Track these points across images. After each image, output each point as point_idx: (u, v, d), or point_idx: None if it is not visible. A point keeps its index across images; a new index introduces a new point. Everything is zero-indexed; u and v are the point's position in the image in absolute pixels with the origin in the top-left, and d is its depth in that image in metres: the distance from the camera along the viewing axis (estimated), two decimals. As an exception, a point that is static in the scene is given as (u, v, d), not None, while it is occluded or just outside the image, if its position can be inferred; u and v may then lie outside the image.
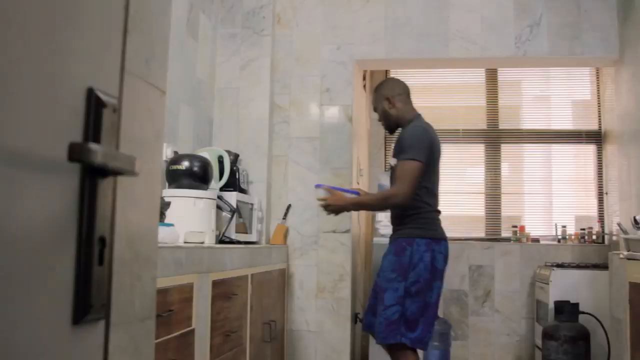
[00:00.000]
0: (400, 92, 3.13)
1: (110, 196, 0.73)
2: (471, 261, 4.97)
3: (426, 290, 2.86)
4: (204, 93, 3.90)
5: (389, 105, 3.10)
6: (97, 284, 0.69)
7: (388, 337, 2.83)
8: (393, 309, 2.83)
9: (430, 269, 2.86)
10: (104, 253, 0.71)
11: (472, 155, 5.51)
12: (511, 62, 4.28)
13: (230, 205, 3.39)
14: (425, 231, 2.93)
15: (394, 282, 2.86)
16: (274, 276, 3.68)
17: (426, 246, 2.88)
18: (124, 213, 1.04)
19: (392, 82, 3.25)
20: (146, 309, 1.11)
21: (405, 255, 2.87)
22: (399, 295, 2.84)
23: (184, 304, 2.24)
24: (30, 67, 0.61)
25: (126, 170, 0.69)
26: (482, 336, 4.89)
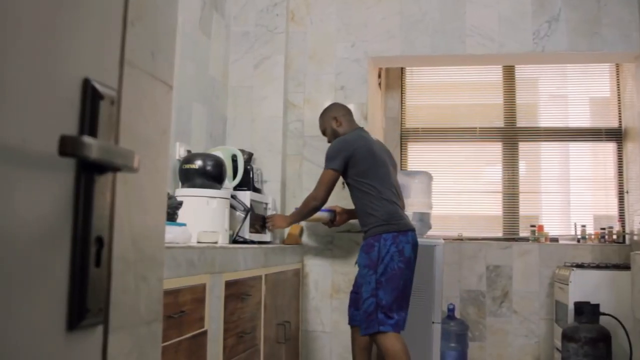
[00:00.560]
0: (344, 112, 3.57)
1: (108, 194, 0.69)
2: (488, 261, 4.90)
3: (397, 277, 3.17)
4: (217, 91, 3.87)
5: (336, 123, 3.51)
6: (93, 287, 0.65)
7: (369, 327, 3.14)
8: (369, 301, 3.15)
9: (400, 258, 3.18)
10: (102, 254, 0.67)
11: (489, 154, 5.44)
12: (529, 58, 4.20)
13: (244, 205, 3.35)
14: (389, 226, 3.22)
15: (367, 276, 3.19)
16: (288, 276, 3.64)
17: (392, 240, 3.19)
18: (128, 212, 0.99)
19: (337, 105, 3.66)
20: (152, 311, 1.07)
21: (374, 251, 3.19)
22: (372, 288, 3.15)
23: (196, 305, 2.21)
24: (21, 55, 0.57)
25: (125, 166, 0.65)
26: (500, 337, 4.82)
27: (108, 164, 0.63)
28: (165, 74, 1.12)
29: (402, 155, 5.41)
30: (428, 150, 5.53)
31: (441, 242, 4.02)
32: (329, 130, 3.54)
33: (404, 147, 5.44)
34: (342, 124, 3.50)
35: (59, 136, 0.56)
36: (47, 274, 0.60)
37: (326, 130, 3.57)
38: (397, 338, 3.14)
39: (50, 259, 0.60)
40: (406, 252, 3.20)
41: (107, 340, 0.72)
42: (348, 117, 3.56)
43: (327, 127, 3.55)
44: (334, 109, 3.59)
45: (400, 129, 5.44)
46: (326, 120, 3.55)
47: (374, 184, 3.29)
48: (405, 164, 5.41)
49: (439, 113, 5.52)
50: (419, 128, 5.47)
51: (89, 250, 0.64)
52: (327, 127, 3.55)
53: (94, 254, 0.65)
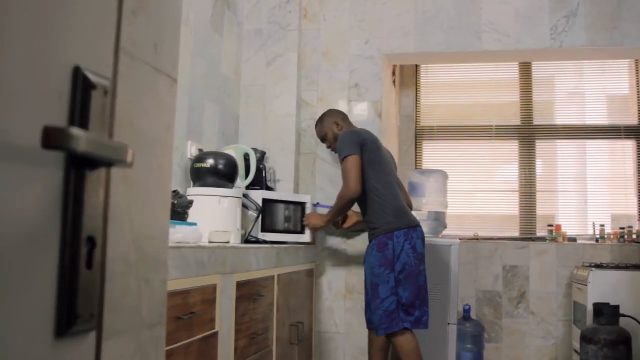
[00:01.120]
0: (343, 117, 3.63)
1: (102, 191, 0.64)
2: (505, 261, 4.82)
3: (415, 274, 3.17)
4: (229, 90, 3.83)
5: (338, 127, 3.54)
6: (85, 291, 0.60)
7: (391, 326, 3.11)
8: (389, 300, 3.12)
9: (414, 255, 3.18)
10: (94, 255, 0.62)
11: (506, 153, 5.35)
12: (547, 54, 4.11)
13: (257, 204, 3.31)
14: (400, 222, 3.22)
15: (384, 275, 3.15)
16: (301, 277, 3.59)
17: (404, 237, 3.18)
18: (129, 211, 0.95)
19: (333, 110, 3.69)
20: (155, 314, 1.03)
21: (389, 250, 3.17)
22: (391, 287, 3.13)
23: (206, 306, 2.17)
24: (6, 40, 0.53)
25: (118, 161, 0.60)
26: (517, 339, 4.74)
27: (99, 159, 0.58)
28: (169, 67, 1.07)
29: (417, 154, 5.35)
30: (443, 148, 5.46)
31: (457, 242, 3.95)
32: (330, 136, 3.57)
33: (419, 146, 5.37)
34: (343, 128, 3.53)
35: (42, 127, 0.51)
36: (33, 278, 0.55)
37: (327, 135, 3.59)
38: (411, 336, 3.16)
39: (36, 261, 0.56)
40: (418, 248, 3.22)
41: (100, 347, 0.67)
42: (347, 120, 3.63)
43: (328, 133, 3.58)
44: (333, 114, 3.62)
45: (415, 127, 5.38)
46: (326, 126, 3.58)
47: (381, 178, 3.29)
48: (420, 163, 5.35)
49: (454, 111, 5.45)
50: (434, 126, 5.40)
51: (79, 252, 0.59)
52: (328, 132, 3.58)
53: (85, 255, 0.60)
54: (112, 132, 0.68)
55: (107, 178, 0.67)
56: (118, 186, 0.91)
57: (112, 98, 0.68)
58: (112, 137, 0.68)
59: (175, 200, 2.40)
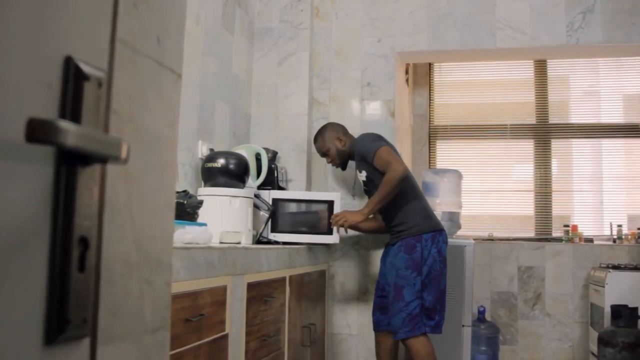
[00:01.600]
0: (345, 131, 3.52)
1: (95, 189, 0.60)
2: (520, 262, 4.75)
3: (439, 278, 3.16)
4: (240, 89, 3.80)
5: (341, 143, 3.46)
6: (76, 295, 0.57)
7: (413, 330, 3.08)
8: (414, 304, 3.08)
9: (439, 258, 3.17)
10: (87, 257, 0.58)
11: (521, 152, 5.28)
12: (563, 51, 4.04)
13: (268, 204, 3.28)
14: (428, 225, 3.21)
15: (410, 278, 3.11)
16: (313, 278, 3.55)
17: (432, 240, 3.17)
18: (130, 210, 0.91)
19: (333, 125, 3.58)
20: (158, 318, 0.99)
21: (417, 252, 3.14)
22: (417, 290, 3.10)
23: (216, 308, 2.13)
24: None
25: (111, 156, 0.56)
26: (532, 341, 4.67)
27: (91, 154, 0.55)
28: (173, 62, 1.03)
29: (430, 154, 5.29)
30: (457, 148, 5.39)
31: (471, 242, 3.89)
32: (332, 151, 3.48)
33: (432, 145, 5.32)
34: (346, 143, 3.47)
35: (27, 119, 0.48)
36: (20, 281, 0.52)
37: (329, 150, 3.49)
38: (428, 340, 3.13)
39: (23, 264, 0.52)
40: (443, 252, 3.21)
41: (95, 354, 0.63)
42: (348, 134, 3.54)
43: (330, 148, 3.48)
44: (334, 129, 3.51)
45: (429, 126, 5.32)
46: (328, 141, 3.48)
47: (407, 179, 3.23)
48: (433, 163, 5.29)
49: (468, 110, 5.38)
50: (447, 125, 5.34)
51: (70, 253, 0.56)
52: (330, 147, 3.48)
53: (77, 257, 0.57)
54: (107, 126, 0.64)
55: (102, 175, 0.63)
56: (118, 184, 0.87)
57: (108, 90, 0.64)
58: (107, 132, 0.64)
59: (185, 200, 2.36)
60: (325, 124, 3.62)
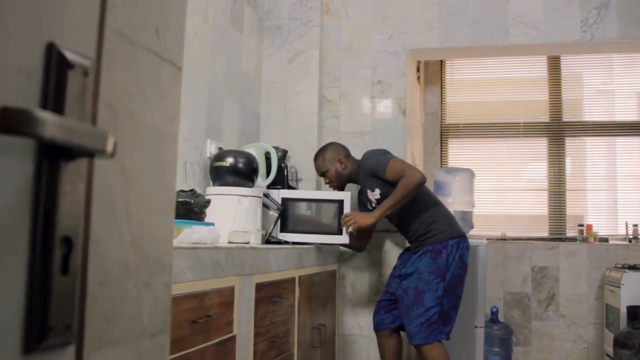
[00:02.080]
0: (346, 153, 3.42)
1: (81, 185, 0.56)
2: (534, 262, 4.68)
3: (458, 285, 3.14)
4: (250, 87, 3.76)
5: (341, 166, 3.37)
6: (59, 300, 0.53)
7: (429, 336, 3.03)
8: (434, 310, 3.04)
9: (461, 265, 3.14)
10: (70, 259, 0.54)
11: (534, 150, 5.21)
12: (577, 47, 3.97)
13: (277, 204, 3.24)
14: (452, 231, 3.18)
15: (433, 283, 3.07)
16: (323, 278, 3.50)
17: (457, 246, 3.13)
18: (127, 209, 0.87)
19: (336, 145, 3.46)
20: (158, 321, 0.95)
21: (442, 258, 3.10)
22: (438, 296, 3.06)
23: (223, 309, 2.09)
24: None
25: (95, 150, 0.52)
26: (546, 342, 4.59)
27: (74, 147, 0.50)
28: (173, 54, 0.99)
29: (442, 152, 5.23)
30: (469, 146, 5.32)
31: (484, 242, 3.83)
32: (332, 173, 3.38)
33: (444, 144, 5.25)
34: (347, 166, 3.38)
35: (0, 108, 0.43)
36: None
37: (328, 172, 3.39)
38: (444, 348, 3.08)
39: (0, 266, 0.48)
40: (465, 258, 3.19)
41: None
42: (350, 157, 3.43)
43: (329, 169, 3.38)
44: (336, 150, 3.40)
45: (441, 124, 5.26)
46: (328, 162, 3.38)
47: (424, 188, 3.21)
48: (445, 161, 5.23)
49: (480, 108, 5.32)
50: (459, 124, 5.28)
51: (52, 254, 0.52)
52: (329, 169, 3.38)
53: (60, 259, 0.53)
54: (95, 118, 0.60)
55: (89, 171, 0.59)
56: (114, 182, 0.83)
57: (96, 80, 0.60)
58: (95, 124, 0.60)
59: (192, 199, 2.33)
60: (328, 143, 3.50)
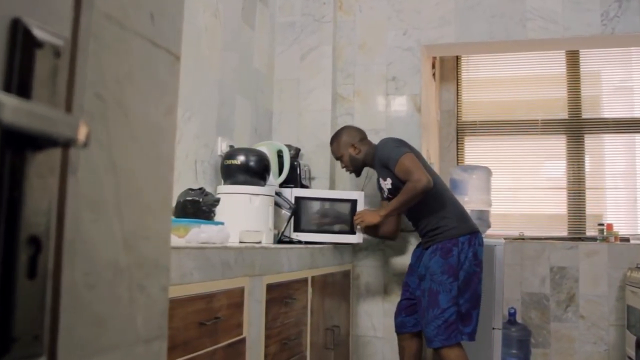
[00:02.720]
0: (361, 137, 3.34)
1: (52, 179, 0.50)
2: (552, 262, 4.58)
3: (475, 282, 3.03)
4: (262, 84, 3.71)
5: (355, 151, 3.30)
6: (25, 307, 0.47)
7: (449, 338, 2.94)
8: (450, 310, 2.95)
9: (475, 262, 3.04)
10: (38, 261, 0.48)
11: (552, 148, 5.10)
12: (597, 41, 3.86)
13: (290, 203, 3.17)
14: (464, 227, 3.07)
15: (446, 283, 2.98)
16: (337, 278, 3.44)
17: (468, 243, 3.03)
18: (118, 208, 0.81)
19: (351, 129, 3.40)
20: (153, 327, 0.89)
21: (453, 256, 3.00)
22: (453, 296, 2.96)
23: (233, 310, 2.03)
24: None
25: (64, 138, 0.46)
26: (565, 344, 4.49)
27: (36, 134, 0.44)
28: (169, 42, 0.93)
29: (458, 150, 5.14)
30: (486, 144, 5.23)
31: (501, 242, 3.74)
32: (346, 158, 3.33)
33: (460, 142, 5.17)
34: (361, 150, 3.31)
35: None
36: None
37: (343, 157, 3.35)
38: (463, 351, 3.00)
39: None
40: (479, 255, 3.08)
41: (54, 377, 0.53)
42: (365, 141, 3.35)
43: (343, 155, 3.34)
44: (350, 134, 3.34)
45: (457, 122, 5.17)
46: (342, 147, 3.33)
47: (436, 181, 3.11)
48: (462, 160, 5.14)
49: (497, 105, 5.22)
50: (476, 121, 5.18)
51: (16, 256, 0.46)
52: (344, 153, 3.33)
53: (26, 261, 0.47)
54: (70, 103, 0.54)
55: (64, 163, 0.53)
56: (103, 178, 0.77)
57: (71, 62, 0.54)
58: (70, 111, 0.54)
59: (201, 198, 2.27)
60: (343, 127, 3.45)
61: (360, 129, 3.42)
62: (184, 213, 2.25)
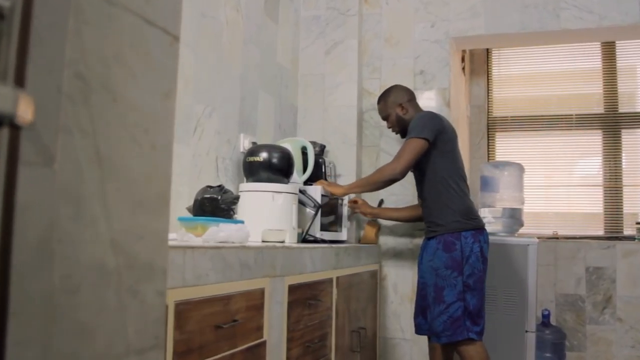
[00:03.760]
0: (409, 97, 3.24)
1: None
2: (588, 262, 4.41)
3: (482, 280, 2.92)
4: (286, 80, 3.62)
5: (402, 111, 3.20)
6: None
7: (455, 334, 2.85)
8: (456, 305, 2.86)
9: (482, 259, 2.92)
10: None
11: (588, 144, 4.92)
12: (635, 31, 3.67)
13: (314, 201, 3.08)
14: (469, 223, 2.95)
15: (451, 278, 2.88)
16: (364, 278, 3.33)
17: (473, 238, 2.92)
18: (105, 203, 0.73)
19: (400, 89, 3.29)
20: (147, 335, 0.80)
21: (456, 250, 2.90)
22: (458, 291, 2.86)
23: (252, 313, 1.95)
24: None
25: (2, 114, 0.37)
26: (602, 347, 4.32)
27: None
28: (166, 20, 0.84)
29: (489, 147, 4.99)
30: (518, 140, 5.06)
31: (535, 241, 3.60)
32: (393, 117, 3.23)
33: (491, 138, 5.01)
34: (409, 111, 3.20)
35: None
36: None
37: (389, 116, 3.25)
38: (482, 346, 2.89)
39: None
40: (485, 252, 2.97)
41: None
42: (413, 102, 3.25)
43: (391, 114, 3.24)
44: (398, 93, 3.25)
45: (487, 117, 5.02)
46: (389, 106, 3.24)
47: (453, 171, 3.02)
48: (493, 156, 4.99)
49: (529, 101, 5.05)
50: (507, 116, 5.03)
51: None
52: (391, 113, 3.24)
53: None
54: (22, 76, 0.45)
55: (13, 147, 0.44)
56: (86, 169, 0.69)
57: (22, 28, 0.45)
58: (22, 86, 0.45)
59: (219, 195, 2.19)
60: (391, 86, 3.33)
61: (409, 89, 3.31)
62: (201, 211, 2.17)
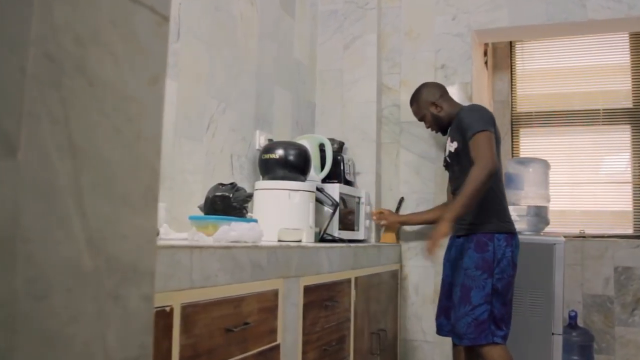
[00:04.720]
0: (441, 93, 3.14)
1: None
2: (617, 262, 4.27)
3: (510, 286, 2.82)
4: (303, 76, 3.54)
5: (436, 109, 3.10)
6: None
7: (479, 337, 2.75)
8: (482, 308, 2.76)
9: (512, 265, 2.82)
10: None
11: (615, 140, 4.77)
12: (666, 22, 3.55)
13: (332, 199, 3.00)
14: (503, 225, 2.85)
15: (480, 280, 2.78)
16: (384, 279, 3.25)
17: (506, 241, 2.81)
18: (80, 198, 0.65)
19: (429, 86, 3.19)
20: (131, 345, 0.73)
21: (489, 251, 2.79)
22: (486, 293, 2.76)
23: (265, 315, 1.87)
24: None
25: None
26: (632, 350, 4.18)
27: None
28: None
29: (513, 143, 4.87)
30: (543, 136, 4.93)
31: (561, 239, 3.48)
32: (428, 117, 3.14)
33: (515, 134, 4.89)
34: (443, 108, 3.09)
35: None
36: None
37: (425, 117, 3.16)
38: (505, 349, 2.78)
39: None
40: (515, 258, 2.86)
41: None
42: (446, 96, 3.14)
43: (425, 114, 3.14)
44: (429, 92, 3.13)
45: (511, 113, 4.90)
46: (422, 106, 3.14)
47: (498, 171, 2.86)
48: (517, 152, 4.87)
49: (555, 95, 4.91)
50: (532, 112, 4.90)
51: None
52: (425, 114, 3.14)
53: None
54: None
55: None
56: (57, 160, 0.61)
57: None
58: None
59: (231, 193, 2.12)
60: (421, 85, 3.21)
61: (440, 84, 3.21)
62: (213, 210, 2.10)
